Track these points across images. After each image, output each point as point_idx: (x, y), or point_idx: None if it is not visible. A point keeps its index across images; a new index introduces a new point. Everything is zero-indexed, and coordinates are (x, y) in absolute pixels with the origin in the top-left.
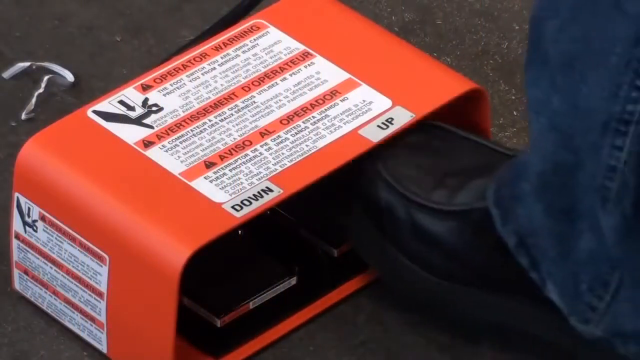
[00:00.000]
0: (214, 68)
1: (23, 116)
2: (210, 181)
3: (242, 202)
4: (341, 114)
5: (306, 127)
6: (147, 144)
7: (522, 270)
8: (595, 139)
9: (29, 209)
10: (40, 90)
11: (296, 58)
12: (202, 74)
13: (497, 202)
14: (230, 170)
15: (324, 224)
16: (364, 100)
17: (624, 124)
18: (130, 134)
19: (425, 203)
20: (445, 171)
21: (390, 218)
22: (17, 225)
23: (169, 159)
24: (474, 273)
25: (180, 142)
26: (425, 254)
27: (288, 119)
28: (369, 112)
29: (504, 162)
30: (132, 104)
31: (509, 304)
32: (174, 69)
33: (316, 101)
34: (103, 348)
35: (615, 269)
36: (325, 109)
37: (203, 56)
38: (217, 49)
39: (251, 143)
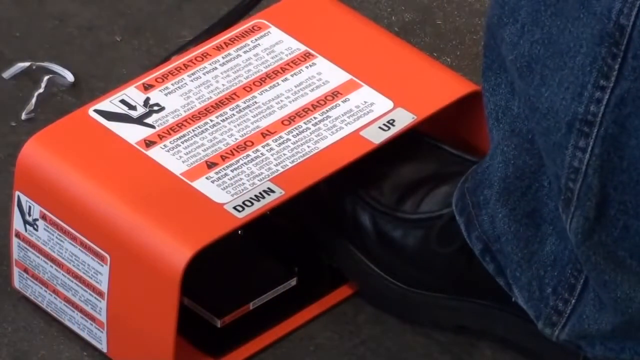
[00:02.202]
0: (216, 68)
1: (23, 116)
2: (212, 182)
3: (243, 202)
4: (342, 115)
5: (307, 128)
6: (148, 143)
7: (489, 274)
8: (558, 140)
9: (29, 207)
10: (40, 90)
11: (297, 58)
12: (204, 74)
13: (462, 210)
14: (232, 171)
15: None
16: (365, 102)
17: (587, 125)
18: (131, 133)
19: (391, 212)
20: (410, 180)
21: (357, 226)
22: (17, 223)
23: (171, 159)
24: (441, 279)
25: (182, 142)
26: (392, 262)
27: (289, 119)
28: (371, 113)
29: (469, 168)
30: (133, 104)
31: (477, 309)
32: (175, 69)
33: (318, 102)
34: (103, 347)
35: (579, 271)
36: (326, 110)
37: (204, 56)
38: (219, 48)
39: (253, 143)
